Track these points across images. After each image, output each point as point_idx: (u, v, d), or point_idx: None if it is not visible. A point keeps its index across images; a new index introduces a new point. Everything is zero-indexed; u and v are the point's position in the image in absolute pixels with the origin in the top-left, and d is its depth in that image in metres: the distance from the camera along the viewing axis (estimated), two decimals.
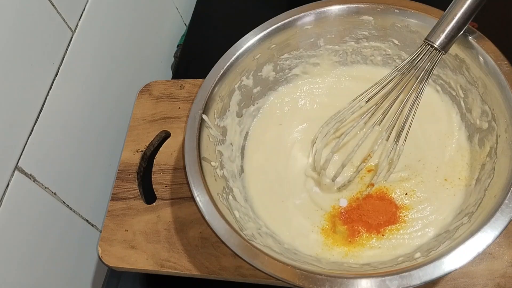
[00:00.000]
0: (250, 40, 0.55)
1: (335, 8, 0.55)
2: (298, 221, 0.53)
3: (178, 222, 0.54)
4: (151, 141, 0.61)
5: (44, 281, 0.54)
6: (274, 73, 0.59)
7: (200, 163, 0.49)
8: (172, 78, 0.75)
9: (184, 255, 0.52)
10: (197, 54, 0.77)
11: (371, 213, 0.51)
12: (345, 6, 0.55)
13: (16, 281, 0.51)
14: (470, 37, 0.49)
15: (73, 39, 0.55)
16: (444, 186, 0.52)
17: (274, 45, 0.56)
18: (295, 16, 0.55)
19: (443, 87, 0.56)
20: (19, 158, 0.49)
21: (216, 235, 0.45)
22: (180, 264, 0.52)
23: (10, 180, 0.48)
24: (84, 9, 0.57)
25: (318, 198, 0.54)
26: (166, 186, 0.57)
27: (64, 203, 0.57)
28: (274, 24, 0.55)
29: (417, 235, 0.49)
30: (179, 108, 0.62)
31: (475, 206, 0.45)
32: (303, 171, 0.56)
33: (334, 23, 0.56)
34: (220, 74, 0.54)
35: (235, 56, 0.55)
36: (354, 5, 0.54)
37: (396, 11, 0.53)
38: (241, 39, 0.55)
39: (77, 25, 0.56)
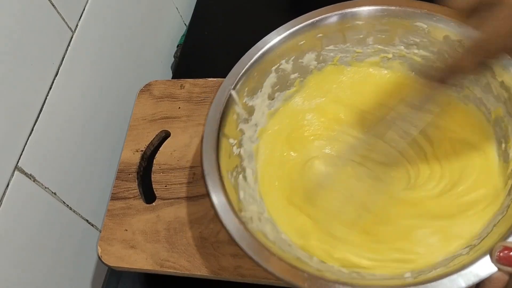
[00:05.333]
0: (297, 25, 0.54)
1: (390, 9, 0.53)
2: None
3: (177, 222, 0.55)
4: (151, 141, 0.61)
5: (44, 281, 0.55)
6: (316, 62, 0.58)
7: (218, 137, 0.49)
8: (172, 78, 0.75)
9: (184, 255, 0.52)
10: (197, 54, 0.77)
11: None
12: (401, 8, 0.52)
13: (16, 281, 0.51)
14: None
15: (73, 39, 0.55)
16: None
17: (321, 35, 0.55)
18: (348, 10, 0.54)
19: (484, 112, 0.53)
20: (19, 158, 0.49)
21: (215, 209, 0.45)
22: (180, 264, 0.52)
23: (10, 180, 0.48)
24: (84, 9, 0.57)
25: None
26: (166, 186, 0.57)
27: (64, 203, 0.57)
28: (326, 13, 0.54)
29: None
30: (179, 108, 0.63)
31: (479, 239, 0.44)
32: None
33: (387, 23, 0.54)
34: (259, 53, 0.53)
35: (278, 38, 0.53)
36: (411, 9, 0.52)
37: (451, 23, 0.50)
38: (288, 22, 0.54)
39: (77, 25, 0.56)
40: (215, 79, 0.63)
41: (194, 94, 0.63)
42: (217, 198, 0.45)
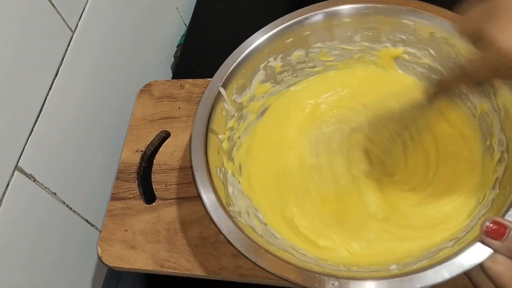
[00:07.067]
0: (285, 22, 0.54)
1: (376, 6, 0.53)
2: None
3: (178, 222, 0.55)
4: (151, 141, 0.61)
5: (44, 281, 0.55)
6: (306, 60, 0.58)
7: (207, 134, 0.50)
8: (172, 78, 0.75)
9: (184, 255, 0.52)
10: (197, 54, 0.77)
11: None
12: (387, 5, 0.53)
13: (16, 281, 0.51)
14: None
15: (73, 39, 0.55)
16: None
17: (308, 32, 0.55)
18: (335, 8, 0.54)
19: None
20: (19, 158, 0.49)
21: (204, 204, 0.46)
22: (180, 264, 0.52)
23: (10, 180, 0.48)
24: (84, 9, 0.57)
25: None
26: (166, 186, 0.57)
27: (64, 203, 0.57)
28: (313, 11, 0.54)
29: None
30: (179, 108, 0.62)
31: (464, 232, 0.44)
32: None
33: (373, 21, 0.54)
34: (247, 51, 0.53)
35: (266, 36, 0.54)
36: (397, 7, 0.52)
37: (436, 20, 0.51)
38: (275, 21, 0.54)
39: (77, 25, 0.56)
40: None
41: (194, 94, 0.63)
42: (206, 194, 0.47)
